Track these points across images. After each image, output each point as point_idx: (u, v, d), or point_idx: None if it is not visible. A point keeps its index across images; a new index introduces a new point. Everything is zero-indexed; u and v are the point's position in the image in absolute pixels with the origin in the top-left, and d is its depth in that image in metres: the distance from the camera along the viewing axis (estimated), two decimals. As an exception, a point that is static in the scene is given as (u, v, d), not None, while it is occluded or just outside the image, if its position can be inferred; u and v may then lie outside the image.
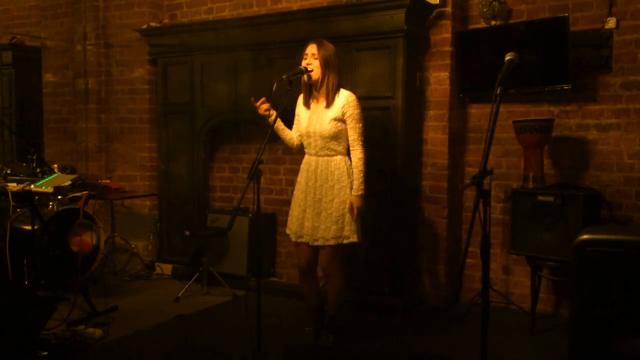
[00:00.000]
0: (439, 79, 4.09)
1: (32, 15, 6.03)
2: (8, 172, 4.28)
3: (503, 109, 3.92)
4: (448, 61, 4.05)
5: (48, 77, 5.67)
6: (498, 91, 2.24)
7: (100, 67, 5.38)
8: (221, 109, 4.83)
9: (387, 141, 3.96)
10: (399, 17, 3.87)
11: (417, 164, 4.16)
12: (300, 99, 3.38)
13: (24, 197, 3.87)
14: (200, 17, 5.11)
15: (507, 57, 2.36)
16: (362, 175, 3.19)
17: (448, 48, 4.04)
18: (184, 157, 5.06)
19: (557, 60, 3.64)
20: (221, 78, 4.76)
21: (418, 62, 4.10)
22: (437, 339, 3.58)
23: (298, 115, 3.39)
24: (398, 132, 3.95)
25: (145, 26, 5.09)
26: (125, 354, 3.34)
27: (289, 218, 3.37)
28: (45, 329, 3.34)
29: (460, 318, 3.83)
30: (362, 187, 3.19)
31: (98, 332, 3.50)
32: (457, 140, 4.19)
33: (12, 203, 3.81)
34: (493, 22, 3.98)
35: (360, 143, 3.21)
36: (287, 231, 3.39)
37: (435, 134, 4.12)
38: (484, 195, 2.13)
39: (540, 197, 3.54)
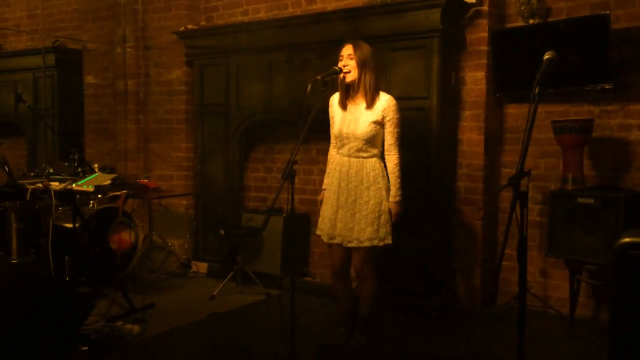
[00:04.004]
0: (475, 79, 4.04)
1: (74, 19, 6.20)
2: (50, 171, 4.41)
3: (541, 108, 3.85)
4: (484, 60, 4.00)
5: (89, 79, 5.82)
6: (536, 91, 2.20)
7: (139, 69, 5.49)
8: (256, 110, 4.88)
9: (422, 142, 3.93)
10: (434, 16, 3.84)
11: (452, 164, 4.12)
12: (334, 100, 3.37)
13: (66, 195, 3.98)
14: (236, 19, 5.17)
15: (546, 56, 2.31)
16: (399, 181, 3.21)
17: (484, 47, 3.99)
18: (219, 157, 5.13)
19: (598, 59, 3.55)
20: (256, 79, 4.81)
21: (454, 62, 4.05)
22: (471, 342, 3.54)
23: (333, 116, 3.38)
24: (433, 133, 3.92)
25: (182, 28, 5.18)
26: (162, 350, 3.40)
27: (320, 219, 3.37)
28: (85, 324, 3.44)
29: (496, 321, 3.77)
30: (400, 193, 3.20)
31: (136, 328, 3.58)
32: (494, 140, 4.12)
33: (54, 201, 3.93)
34: (531, 21, 3.91)
35: (397, 148, 3.22)
36: (318, 232, 3.39)
37: (471, 134, 4.07)
38: (521, 197, 2.10)
39: (579, 199, 3.45)
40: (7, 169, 4.11)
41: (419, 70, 3.94)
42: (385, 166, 3.26)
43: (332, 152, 3.44)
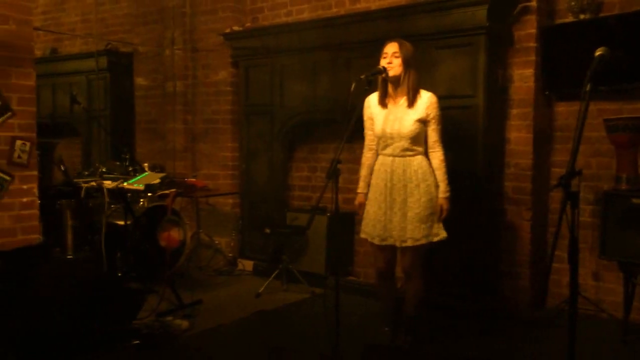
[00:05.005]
0: (523, 76, 3.95)
1: (125, 23, 6.38)
2: (103, 170, 4.57)
3: (593, 106, 3.73)
4: (533, 58, 3.91)
5: (139, 80, 5.99)
6: (587, 88, 2.14)
7: (187, 70, 5.62)
8: (300, 110, 4.92)
9: (468, 141, 3.88)
10: (480, 13, 3.78)
11: (499, 164, 4.04)
12: (371, 101, 3.34)
13: (118, 193, 4.12)
14: (280, 20, 5.23)
15: (597, 53, 2.25)
16: (446, 176, 3.21)
17: (533, 44, 3.90)
18: (264, 157, 5.19)
19: (654, 54, 3.42)
20: (300, 79, 4.85)
21: (500, 60, 3.98)
22: (519, 345, 3.47)
23: (371, 117, 3.35)
24: (479, 132, 3.87)
25: (228, 30, 5.27)
26: (210, 346, 3.48)
27: (365, 222, 3.34)
28: (136, 318, 3.55)
29: (546, 325, 3.69)
30: (449, 189, 3.21)
31: (185, 323, 3.67)
32: (543, 139, 4.03)
33: (107, 200, 4.07)
34: (582, 16, 3.80)
35: (441, 144, 3.23)
36: (363, 235, 3.36)
37: (518, 133, 3.98)
38: (571, 197, 2.05)
39: (634, 200, 3.34)
40: (63, 168, 4.29)
41: (464, 68, 3.89)
42: (429, 163, 3.24)
43: (367, 154, 3.41)
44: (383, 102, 3.29)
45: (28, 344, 2.97)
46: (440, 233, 3.21)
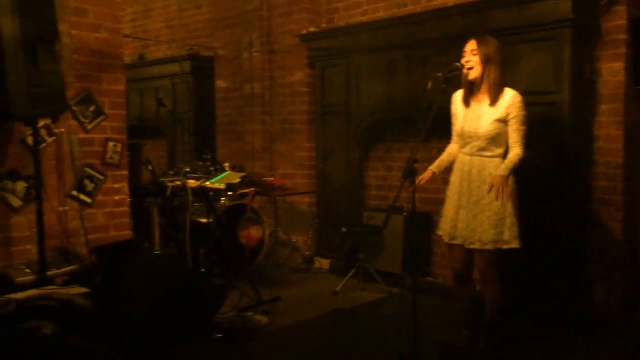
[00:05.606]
0: (612, 70, 3.75)
1: (206, 28, 6.63)
2: (187, 170, 4.78)
3: (691, 100, 3.48)
4: (623, 50, 3.70)
5: (220, 83, 6.20)
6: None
7: (264, 72, 5.76)
8: (375, 109, 4.92)
9: (553, 138, 3.73)
10: (565, 5, 3.63)
11: (587, 162, 3.85)
12: (457, 96, 3.30)
13: (200, 192, 4.29)
14: (355, 20, 5.24)
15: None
16: (512, 165, 3.03)
17: (622, 36, 3.69)
18: (340, 156, 5.23)
19: None
20: (375, 78, 4.85)
21: (587, 53, 3.79)
22: (607, 354, 3.29)
23: (455, 113, 3.30)
24: (565, 129, 3.71)
25: (304, 31, 5.35)
26: (289, 341, 3.55)
27: (442, 219, 3.32)
28: (218, 313, 3.69)
29: (638, 332, 3.48)
30: (507, 171, 3.02)
31: (264, 319, 3.77)
32: (635, 136, 3.80)
33: (190, 198, 4.26)
34: (679, 3, 3.55)
35: (522, 145, 3.08)
36: (440, 232, 3.34)
37: (608, 129, 3.78)
38: (666, 199, 1.93)
39: None
40: (150, 167, 4.52)
41: (547, 63, 3.74)
42: None
43: (453, 145, 3.36)
44: (466, 101, 3.22)
45: (119, 335, 3.15)
46: (511, 242, 3.08)
